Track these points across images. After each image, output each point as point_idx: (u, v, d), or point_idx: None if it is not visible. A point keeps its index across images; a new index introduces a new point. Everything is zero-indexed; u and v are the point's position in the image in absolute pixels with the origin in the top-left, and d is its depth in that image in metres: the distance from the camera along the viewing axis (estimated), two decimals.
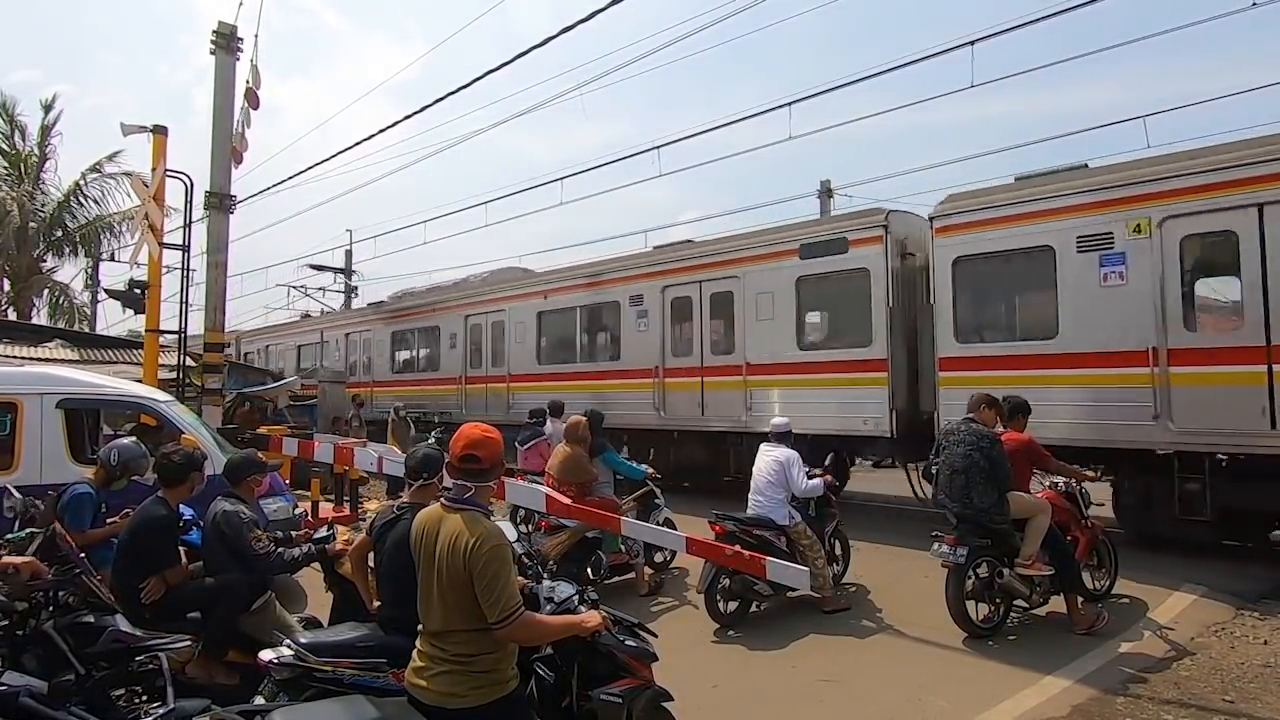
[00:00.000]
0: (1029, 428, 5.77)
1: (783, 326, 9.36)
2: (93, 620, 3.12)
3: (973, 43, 8.62)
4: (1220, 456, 6.66)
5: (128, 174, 18.65)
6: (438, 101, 10.23)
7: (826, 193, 18.22)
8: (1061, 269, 7.35)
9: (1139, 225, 6.92)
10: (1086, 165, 7.71)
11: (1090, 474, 5.92)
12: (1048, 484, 5.84)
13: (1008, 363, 7.65)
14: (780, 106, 10.67)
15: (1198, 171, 6.72)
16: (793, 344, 9.29)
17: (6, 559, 3.05)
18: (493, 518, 2.42)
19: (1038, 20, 8.18)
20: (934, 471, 5.52)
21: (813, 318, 9.62)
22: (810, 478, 5.90)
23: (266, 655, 2.99)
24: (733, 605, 5.64)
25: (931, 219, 8.29)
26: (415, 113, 11.29)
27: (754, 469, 6.07)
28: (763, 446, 6.14)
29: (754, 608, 5.76)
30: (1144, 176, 7.03)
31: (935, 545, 5.26)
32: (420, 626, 2.38)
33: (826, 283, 9.15)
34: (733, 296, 9.93)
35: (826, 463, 6.48)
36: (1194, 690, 4.34)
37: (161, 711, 2.61)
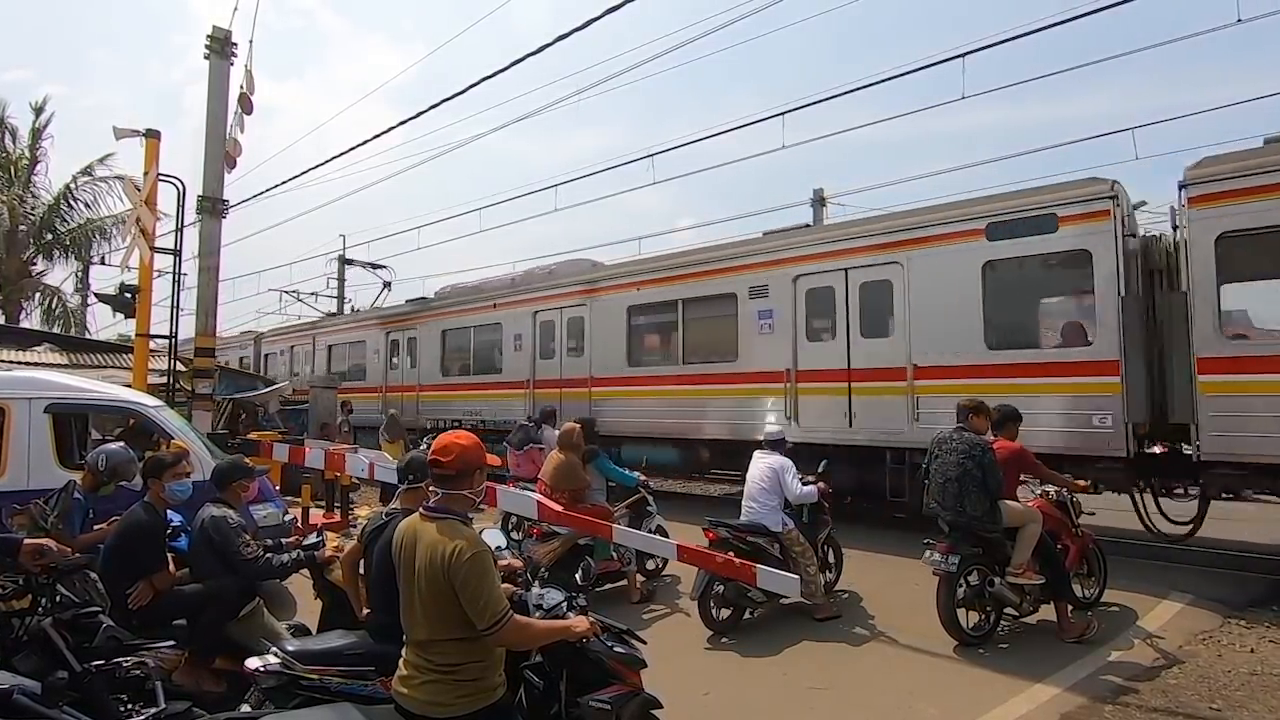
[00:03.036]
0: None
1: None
2: (89, 616, 3.11)
3: (963, 55, 8.70)
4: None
5: (119, 177, 18.57)
6: (433, 107, 10.23)
7: (820, 201, 18.30)
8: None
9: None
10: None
11: (1081, 483, 5.95)
12: (1039, 492, 5.87)
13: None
14: (774, 116, 10.74)
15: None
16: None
17: (34, 540, 3.07)
18: (474, 523, 2.41)
19: (1026, 34, 8.27)
20: (925, 479, 5.54)
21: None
22: (804, 484, 5.92)
23: (253, 663, 2.96)
24: (726, 612, 5.64)
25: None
26: (411, 118, 11.29)
27: (748, 476, 6.10)
28: (756, 453, 6.18)
29: (747, 614, 5.76)
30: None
31: (927, 553, 5.28)
32: (405, 636, 2.37)
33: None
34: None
35: (820, 470, 6.50)
36: (1181, 698, 4.36)
37: (153, 712, 2.60)
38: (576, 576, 6.04)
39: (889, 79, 9.29)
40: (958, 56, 8.70)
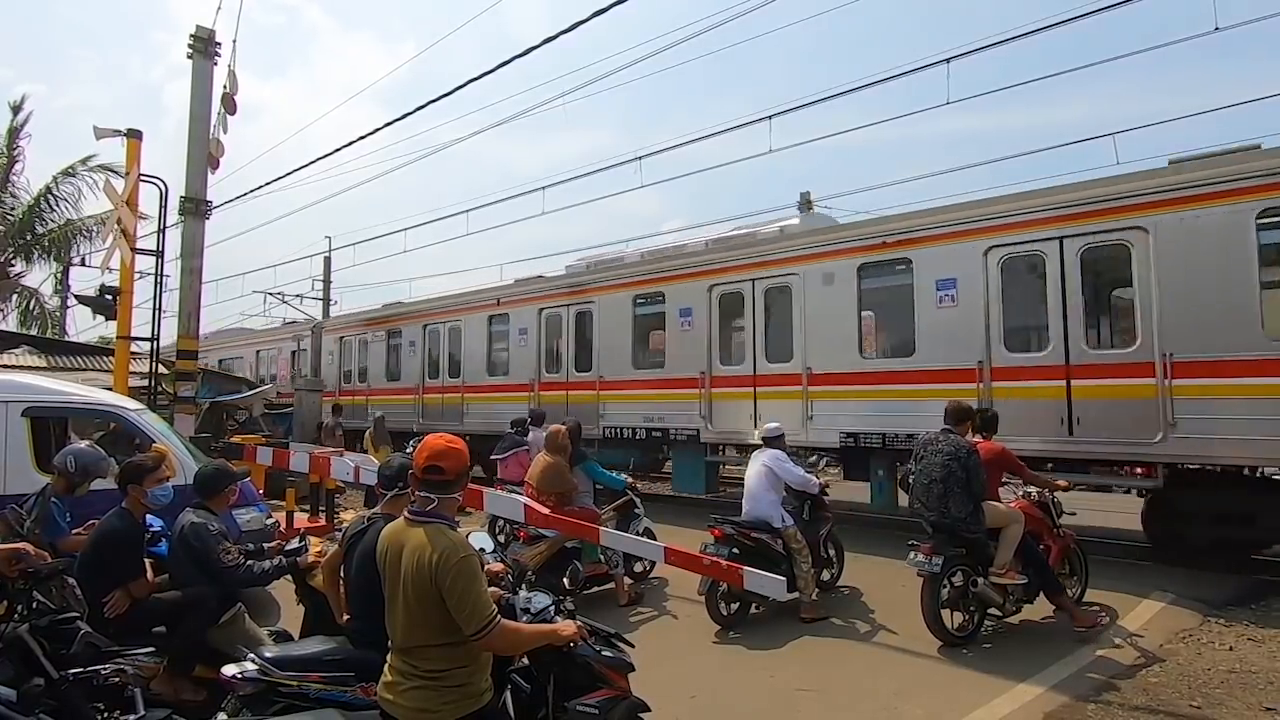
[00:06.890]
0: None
1: None
2: (66, 622, 3.06)
3: (948, 60, 8.81)
4: None
5: (104, 167, 18.30)
6: (420, 109, 10.21)
7: (806, 204, 18.39)
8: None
9: None
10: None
11: (1063, 483, 6.02)
12: (1021, 493, 5.92)
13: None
14: (761, 119, 10.81)
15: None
16: None
17: (11, 545, 3.02)
18: (460, 528, 2.39)
19: (1010, 39, 8.39)
20: (910, 480, 5.59)
21: None
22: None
23: (229, 670, 2.91)
24: (733, 607, 5.75)
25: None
26: (398, 119, 11.18)
27: (747, 474, 6.23)
28: (755, 453, 6.34)
29: (754, 609, 5.86)
30: None
31: (911, 554, 5.31)
32: (390, 642, 2.35)
33: None
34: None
35: (820, 465, 6.61)
36: (1162, 696, 4.42)
37: (133, 718, 2.57)
38: (564, 580, 6.06)
39: (876, 82, 9.41)
40: (944, 61, 8.82)
